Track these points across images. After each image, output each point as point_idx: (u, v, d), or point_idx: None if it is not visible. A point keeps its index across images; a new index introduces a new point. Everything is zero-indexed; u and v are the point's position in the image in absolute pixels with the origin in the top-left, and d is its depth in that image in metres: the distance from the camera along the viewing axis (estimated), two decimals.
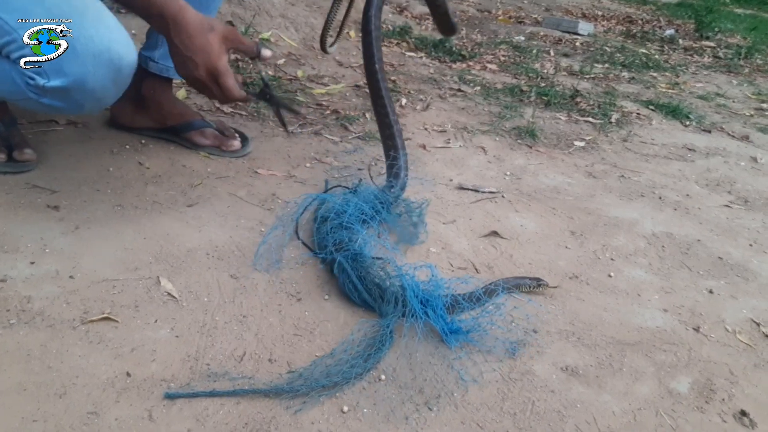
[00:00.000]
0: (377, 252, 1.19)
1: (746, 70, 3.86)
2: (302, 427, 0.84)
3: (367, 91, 2.28)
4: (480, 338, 1.05)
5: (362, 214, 1.23)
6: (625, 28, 4.97)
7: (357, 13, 3.25)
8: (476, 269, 1.27)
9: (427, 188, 1.59)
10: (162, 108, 1.55)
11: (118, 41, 1.06)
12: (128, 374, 0.87)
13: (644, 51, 3.99)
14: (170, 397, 0.84)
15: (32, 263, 1.05)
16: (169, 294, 1.04)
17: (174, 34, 1.06)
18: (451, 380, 0.96)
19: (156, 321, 0.98)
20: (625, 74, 3.28)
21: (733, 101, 3.04)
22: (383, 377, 0.94)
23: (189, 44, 1.06)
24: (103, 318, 0.96)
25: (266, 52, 1.17)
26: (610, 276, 1.32)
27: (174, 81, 1.58)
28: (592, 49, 3.87)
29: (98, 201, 1.27)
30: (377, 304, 1.07)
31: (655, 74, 3.40)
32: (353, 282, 1.09)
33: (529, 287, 1.20)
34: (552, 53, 3.58)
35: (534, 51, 3.51)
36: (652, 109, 2.64)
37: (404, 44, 3.18)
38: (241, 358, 0.94)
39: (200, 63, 1.07)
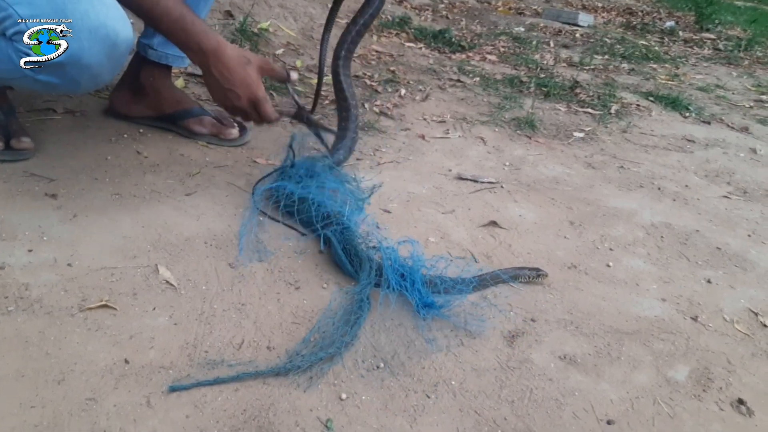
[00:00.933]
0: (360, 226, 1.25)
1: (746, 62, 3.85)
2: (300, 413, 0.84)
3: (366, 81, 2.27)
4: (453, 314, 1.07)
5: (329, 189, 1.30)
6: (625, 20, 4.96)
7: (356, 3, 3.24)
8: (475, 259, 1.27)
9: (426, 179, 1.59)
10: (160, 95, 1.54)
11: (114, 17, 1.06)
12: (126, 361, 0.87)
13: (644, 43, 3.98)
14: (174, 390, 0.84)
15: (30, 251, 1.05)
16: (167, 282, 1.04)
17: (213, 67, 1.13)
18: (449, 368, 0.96)
19: (154, 309, 0.98)
20: (625, 66, 3.27)
21: (733, 93, 3.03)
22: (381, 365, 0.95)
23: (230, 77, 1.14)
24: (101, 305, 0.96)
25: (294, 75, 1.29)
26: (608, 266, 1.32)
27: (173, 69, 1.58)
28: (591, 40, 3.86)
29: (96, 189, 1.26)
30: (358, 274, 1.10)
31: (654, 66, 3.39)
32: (339, 254, 1.14)
33: (528, 277, 1.20)
34: (552, 44, 3.57)
35: (534, 42, 3.50)
36: (652, 101, 2.64)
37: (404, 35, 3.17)
38: (240, 346, 0.94)
39: (242, 95, 1.17)
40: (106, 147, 1.44)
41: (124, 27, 1.08)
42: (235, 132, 1.58)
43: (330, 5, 1.54)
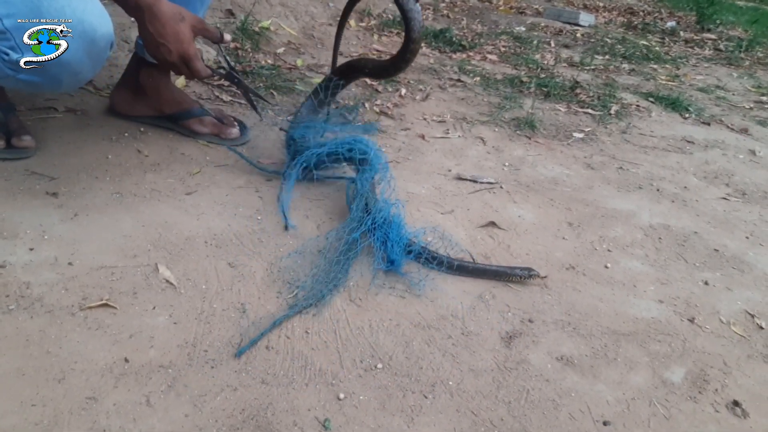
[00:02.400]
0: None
1: (747, 62, 3.85)
2: (299, 413, 0.85)
3: (366, 80, 2.28)
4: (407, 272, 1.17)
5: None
6: (626, 20, 4.96)
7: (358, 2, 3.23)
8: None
9: (425, 179, 1.59)
10: (160, 96, 1.55)
11: (92, 12, 1.05)
12: (126, 360, 0.88)
13: (645, 43, 3.98)
14: (240, 354, 0.92)
15: (31, 249, 1.06)
16: (167, 281, 1.05)
17: (148, 22, 1.17)
18: (447, 368, 0.97)
19: (154, 308, 0.99)
20: (626, 66, 3.28)
21: (733, 94, 3.03)
22: (380, 365, 0.95)
23: (162, 32, 1.18)
24: (101, 304, 0.97)
25: (227, 37, 1.31)
26: (606, 267, 1.33)
27: None
28: (592, 40, 3.86)
29: (97, 188, 1.27)
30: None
31: (655, 66, 3.39)
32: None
33: (520, 277, 1.21)
34: (552, 44, 3.57)
35: (534, 42, 3.50)
36: (652, 101, 2.64)
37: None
38: (239, 346, 0.94)
39: (173, 49, 1.20)
40: (107, 146, 1.44)
41: (102, 22, 1.07)
42: (235, 131, 1.59)
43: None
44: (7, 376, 0.82)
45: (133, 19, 1.22)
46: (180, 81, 1.88)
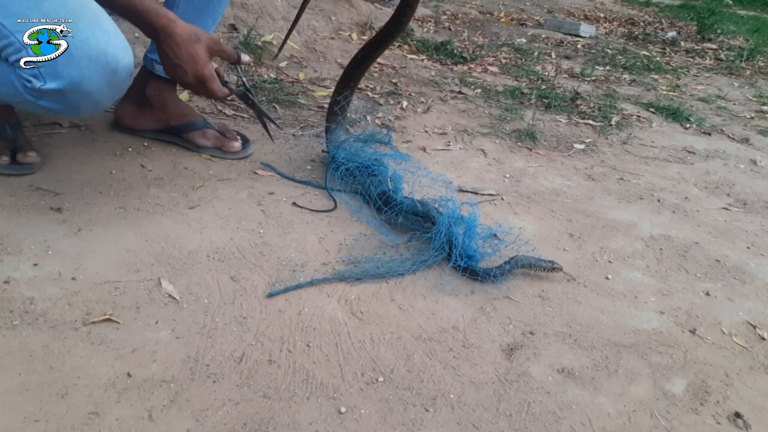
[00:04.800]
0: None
1: (748, 72, 3.86)
2: (300, 427, 0.85)
3: (368, 93, 2.29)
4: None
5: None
6: (627, 30, 4.98)
7: (360, 16, 3.25)
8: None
9: (427, 192, 1.60)
10: (166, 108, 1.57)
11: (115, 45, 1.07)
12: (129, 375, 0.89)
13: (646, 53, 4.00)
14: (272, 295, 1.07)
15: (35, 265, 1.07)
16: (170, 295, 1.06)
17: (164, 43, 1.18)
18: (448, 381, 0.97)
19: (157, 322, 0.99)
20: (626, 77, 3.29)
21: (734, 103, 3.04)
22: (381, 378, 0.96)
23: (178, 53, 1.18)
24: (104, 319, 0.98)
25: (245, 58, 1.30)
26: (607, 278, 1.33)
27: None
28: (593, 51, 3.88)
29: (101, 203, 1.28)
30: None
31: (656, 76, 3.41)
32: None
33: (544, 269, 1.27)
34: (553, 55, 3.59)
35: (535, 53, 3.52)
36: (653, 112, 2.65)
37: (406, 47, 3.19)
38: (240, 360, 0.95)
39: (189, 71, 1.20)
40: (111, 161, 1.46)
41: (124, 55, 1.09)
42: (237, 145, 1.60)
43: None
44: (11, 391, 0.83)
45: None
46: (184, 94, 1.90)
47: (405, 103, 2.26)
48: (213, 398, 0.87)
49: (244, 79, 1.36)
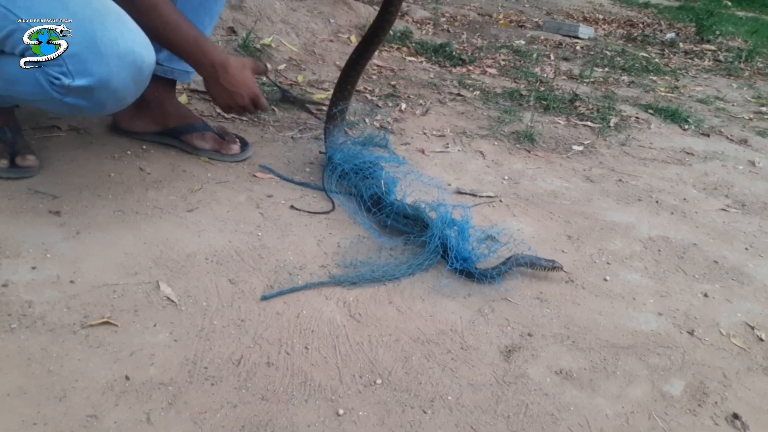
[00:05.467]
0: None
1: (746, 73, 3.87)
2: (298, 429, 0.85)
3: (367, 96, 2.30)
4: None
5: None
6: (625, 32, 4.99)
7: (358, 19, 3.26)
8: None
9: (425, 194, 1.60)
10: (165, 109, 1.57)
11: (141, 43, 1.11)
12: (127, 378, 0.89)
13: (644, 55, 4.00)
14: (266, 298, 1.08)
15: (33, 268, 1.07)
16: (168, 298, 1.06)
17: (221, 77, 1.33)
18: (446, 383, 0.97)
19: (155, 325, 1.00)
20: (625, 78, 3.29)
21: (733, 105, 3.04)
22: (379, 381, 0.96)
23: (235, 82, 1.34)
24: (103, 322, 0.98)
25: (268, 66, 1.48)
26: (605, 280, 1.33)
27: (177, 84, 1.60)
28: (592, 52, 3.89)
29: (99, 206, 1.28)
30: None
31: (654, 78, 3.41)
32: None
33: (544, 267, 1.27)
34: (552, 57, 3.60)
35: (534, 55, 3.52)
36: (651, 113, 2.65)
37: (405, 49, 3.20)
38: (239, 362, 0.95)
39: (245, 94, 1.37)
40: (110, 164, 1.46)
41: (149, 53, 1.13)
42: (236, 148, 1.60)
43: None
44: (9, 394, 0.83)
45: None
46: (183, 97, 1.90)
47: (404, 106, 2.27)
48: (211, 401, 0.87)
49: (278, 82, 1.46)
